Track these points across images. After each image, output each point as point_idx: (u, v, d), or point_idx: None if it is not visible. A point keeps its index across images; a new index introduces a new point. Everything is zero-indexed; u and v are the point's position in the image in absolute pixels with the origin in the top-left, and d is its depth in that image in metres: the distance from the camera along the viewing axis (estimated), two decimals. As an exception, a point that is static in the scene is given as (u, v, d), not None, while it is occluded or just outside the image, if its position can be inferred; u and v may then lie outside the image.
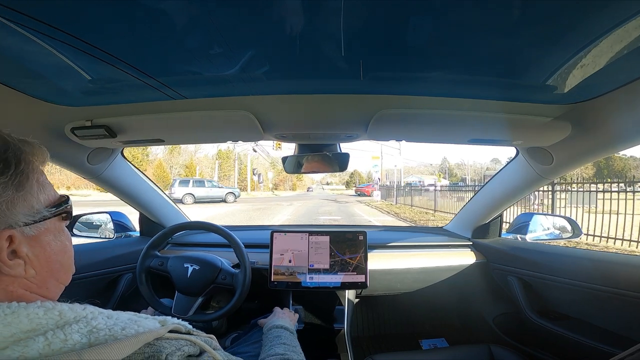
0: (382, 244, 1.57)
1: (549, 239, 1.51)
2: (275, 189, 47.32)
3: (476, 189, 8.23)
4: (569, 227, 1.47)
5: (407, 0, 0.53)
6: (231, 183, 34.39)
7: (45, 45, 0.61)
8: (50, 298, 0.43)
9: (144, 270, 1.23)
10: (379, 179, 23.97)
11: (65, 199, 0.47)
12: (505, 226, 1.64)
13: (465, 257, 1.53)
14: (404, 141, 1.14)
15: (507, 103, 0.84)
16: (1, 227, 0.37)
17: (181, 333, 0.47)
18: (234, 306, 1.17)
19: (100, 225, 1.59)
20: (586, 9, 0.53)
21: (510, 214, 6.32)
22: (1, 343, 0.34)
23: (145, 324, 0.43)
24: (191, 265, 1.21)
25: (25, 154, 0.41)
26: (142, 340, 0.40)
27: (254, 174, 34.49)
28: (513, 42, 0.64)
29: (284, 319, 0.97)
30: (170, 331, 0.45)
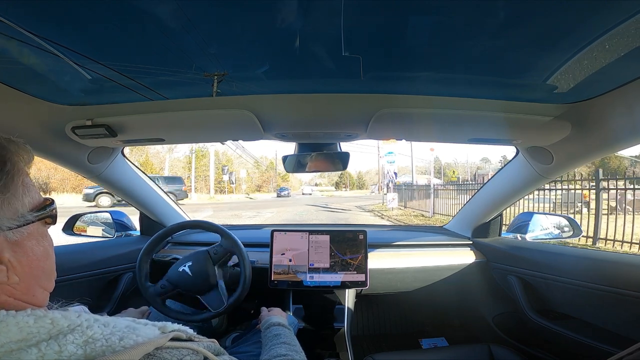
0: (382, 243, 1.57)
1: (549, 239, 1.51)
2: (258, 190, 39.54)
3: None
4: (569, 227, 1.47)
5: (407, 0, 0.53)
6: (207, 184, 29.45)
7: (46, 46, 0.61)
8: (38, 305, 0.41)
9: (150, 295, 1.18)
10: (395, 174, 15.42)
11: (49, 202, 0.45)
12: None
13: (465, 257, 1.53)
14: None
15: (507, 102, 0.85)
16: None
17: (182, 340, 0.45)
18: (234, 303, 1.17)
19: (101, 224, 1.59)
20: (586, 9, 0.53)
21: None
22: None
23: (144, 333, 0.41)
24: (184, 265, 1.18)
25: (10, 154, 0.39)
26: (141, 351, 0.38)
27: (223, 173, 28.86)
28: (513, 42, 0.64)
29: (278, 317, 0.96)
30: (172, 339, 0.43)
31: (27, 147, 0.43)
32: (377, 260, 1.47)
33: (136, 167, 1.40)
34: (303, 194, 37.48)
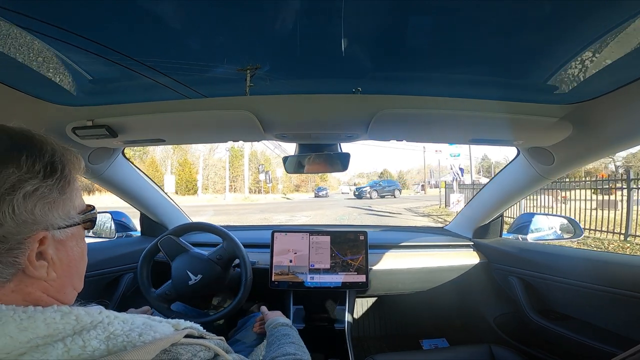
0: (383, 244, 1.57)
1: (550, 239, 1.51)
2: (297, 190, 37.72)
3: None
4: (570, 227, 1.47)
5: (407, 0, 0.53)
6: (238, 185, 28.55)
7: (46, 45, 0.61)
8: (66, 303, 0.43)
9: (156, 299, 1.20)
10: (461, 170, 12.11)
11: (92, 208, 0.48)
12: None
13: (466, 257, 1.53)
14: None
15: (508, 103, 0.84)
16: (39, 228, 0.38)
17: (194, 337, 0.47)
18: (237, 306, 1.17)
19: (101, 225, 1.59)
20: (587, 9, 0.53)
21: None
22: (19, 349, 0.33)
23: (161, 329, 0.43)
24: (194, 278, 1.19)
25: (67, 161, 0.43)
26: (159, 346, 0.40)
27: (259, 172, 28.00)
28: (514, 42, 0.64)
29: (284, 318, 0.97)
30: (185, 335, 0.45)
31: (79, 157, 0.47)
32: (378, 261, 1.47)
33: (136, 167, 1.40)
34: (342, 193, 35.50)
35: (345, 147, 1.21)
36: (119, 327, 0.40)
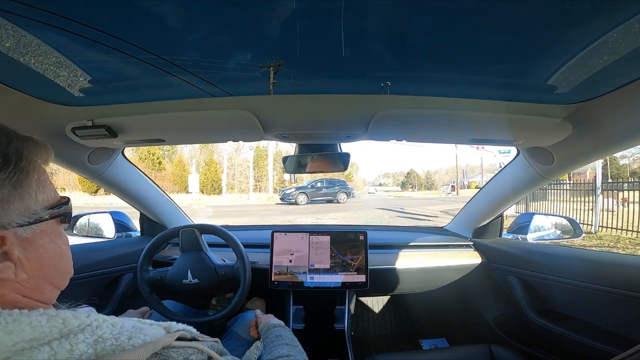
0: (382, 244, 1.57)
1: (550, 239, 1.51)
2: None
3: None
4: (569, 227, 1.47)
5: (408, 0, 0.53)
6: (264, 185, 27.42)
7: (46, 44, 0.61)
8: (45, 302, 0.42)
9: (145, 282, 1.21)
10: None
11: (65, 201, 0.45)
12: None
13: (466, 257, 1.53)
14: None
15: (508, 103, 0.84)
16: None
17: (187, 339, 0.46)
18: (236, 306, 1.17)
19: (101, 225, 1.59)
20: (587, 9, 0.53)
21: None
22: (4, 352, 0.32)
23: (151, 332, 0.42)
24: (190, 278, 1.19)
25: (27, 151, 0.40)
26: (149, 350, 0.39)
27: (284, 172, 27.20)
28: (514, 42, 0.64)
29: (276, 319, 0.96)
30: (177, 338, 0.44)
31: (46, 146, 0.43)
32: (378, 261, 1.47)
33: (136, 167, 1.40)
34: (369, 193, 34.83)
35: (346, 147, 1.21)
36: (108, 330, 0.39)
